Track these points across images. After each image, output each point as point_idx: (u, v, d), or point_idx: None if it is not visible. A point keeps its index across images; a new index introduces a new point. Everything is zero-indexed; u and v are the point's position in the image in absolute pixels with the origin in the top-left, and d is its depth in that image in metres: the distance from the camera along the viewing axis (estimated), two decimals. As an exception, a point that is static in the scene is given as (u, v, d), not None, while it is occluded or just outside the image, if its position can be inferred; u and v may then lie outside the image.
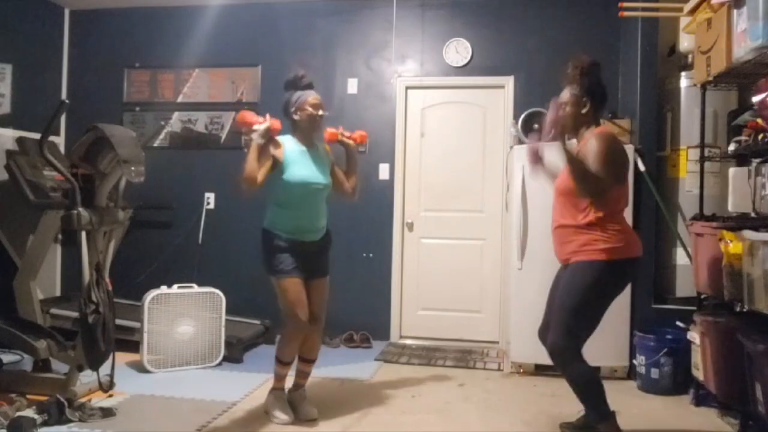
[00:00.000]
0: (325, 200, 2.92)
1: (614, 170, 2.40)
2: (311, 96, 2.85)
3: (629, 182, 3.42)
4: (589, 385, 2.47)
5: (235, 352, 3.84)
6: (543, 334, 2.66)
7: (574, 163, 2.34)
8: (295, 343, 2.87)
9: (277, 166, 2.78)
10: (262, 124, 2.74)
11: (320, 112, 2.86)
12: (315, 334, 2.94)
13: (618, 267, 2.43)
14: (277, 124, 2.80)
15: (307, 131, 2.88)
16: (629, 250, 2.46)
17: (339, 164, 3.04)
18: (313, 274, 2.86)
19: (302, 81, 2.87)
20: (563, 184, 2.53)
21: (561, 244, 2.57)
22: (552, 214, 2.64)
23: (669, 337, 3.38)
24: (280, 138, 2.84)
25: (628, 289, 3.53)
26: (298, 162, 2.81)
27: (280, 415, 2.85)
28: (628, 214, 3.34)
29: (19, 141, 4.07)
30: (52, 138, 4.47)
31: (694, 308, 3.23)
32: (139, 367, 3.59)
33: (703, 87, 3.20)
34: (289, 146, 2.83)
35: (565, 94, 2.56)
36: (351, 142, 3.00)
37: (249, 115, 2.80)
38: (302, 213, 2.82)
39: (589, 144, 2.43)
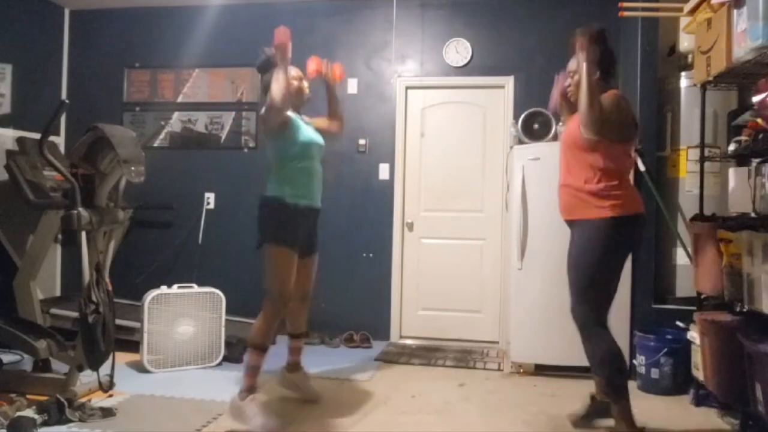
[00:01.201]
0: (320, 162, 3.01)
1: (618, 120, 2.42)
2: (292, 70, 2.90)
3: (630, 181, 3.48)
4: (609, 360, 2.46)
5: (235, 352, 3.84)
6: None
7: (591, 87, 2.36)
8: (276, 324, 2.81)
9: (287, 127, 2.81)
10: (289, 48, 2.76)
11: (305, 82, 2.95)
12: (304, 310, 3.10)
13: (623, 223, 2.45)
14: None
15: (296, 104, 2.94)
16: (633, 207, 2.49)
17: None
18: (309, 249, 2.94)
19: (275, 59, 2.86)
20: (570, 136, 2.56)
21: (567, 203, 2.60)
22: (559, 174, 2.67)
23: (669, 337, 3.38)
24: None
25: (628, 290, 3.55)
26: (301, 125, 2.89)
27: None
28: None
29: (19, 141, 4.07)
30: (52, 138, 4.48)
31: (694, 308, 3.23)
32: (139, 367, 3.58)
33: (703, 87, 3.20)
34: (291, 114, 2.88)
35: (573, 64, 2.57)
36: (331, 77, 3.09)
37: (287, 35, 2.75)
38: (309, 173, 2.88)
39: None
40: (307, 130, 2.92)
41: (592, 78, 2.40)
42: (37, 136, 3.58)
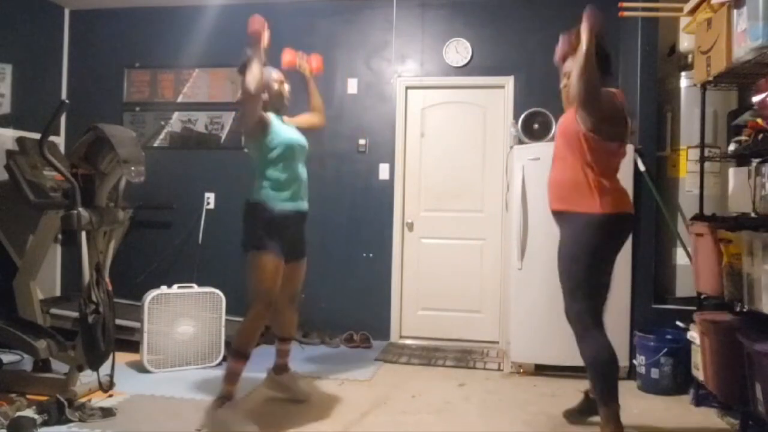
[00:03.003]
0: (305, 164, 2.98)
1: (608, 110, 2.42)
2: (274, 72, 2.90)
3: (630, 183, 3.49)
4: (602, 362, 2.44)
5: (235, 352, 3.84)
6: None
7: (588, 59, 2.33)
8: (260, 330, 2.80)
9: (266, 128, 2.79)
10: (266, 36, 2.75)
11: (286, 86, 2.93)
12: (294, 313, 3.10)
13: (612, 221, 2.45)
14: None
15: (277, 107, 2.92)
16: (622, 205, 2.50)
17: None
18: (296, 254, 2.93)
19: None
20: (564, 129, 2.57)
21: (557, 192, 2.59)
22: (551, 164, 2.67)
23: (669, 337, 3.39)
24: None
25: (628, 290, 3.55)
26: (282, 127, 2.87)
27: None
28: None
29: (19, 141, 4.07)
30: (52, 138, 4.47)
31: (694, 308, 3.23)
32: (139, 367, 3.59)
33: (703, 87, 3.20)
34: (271, 116, 2.86)
35: (569, 65, 2.56)
36: (307, 69, 3.09)
37: (262, 23, 2.75)
38: (293, 176, 2.85)
39: None
40: (287, 131, 2.88)
41: (591, 49, 2.34)
42: (37, 136, 3.58)
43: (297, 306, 3.12)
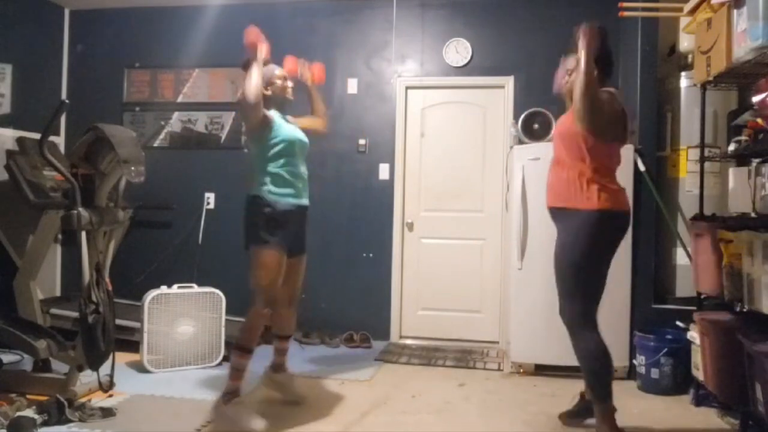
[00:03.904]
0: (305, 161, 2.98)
1: (608, 116, 2.44)
2: (276, 69, 2.91)
3: (630, 183, 3.49)
4: (596, 359, 2.47)
5: (235, 352, 3.84)
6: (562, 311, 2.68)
7: (589, 78, 2.35)
8: (262, 325, 2.81)
9: (268, 126, 2.79)
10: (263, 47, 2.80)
11: (289, 82, 2.94)
12: (292, 312, 3.07)
13: (610, 217, 2.46)
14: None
15: (280, 104, 2.92)
16: (617, 203, 2.50)
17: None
18: (297, 248, 2.90)
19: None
20: (564, 129, 2.58)
21: (556, 189, 2.60)
22: (551, 162, 2.68)
23: (669, 337, 3.38)
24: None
25: (628, 290, 3.55)
26: (282, 124, 2.87)
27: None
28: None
29: (19, 141, 4.07)
30: (52, 138, 4.47)
31: (694, 308, 3.23)
32: (139, 367, 3.59)
33: (703, 87, 3.20)
34: (273, 113, 2.86)
35: (572, 61, 2.57)
36: (309, 77, 3.08)
37: (257, 35, 2.81)
38: (293, 172, 2.85)
39: None
40: (289, 128, 2.89)
41: (591, 67, 2.37)
42: (37, 136, 3.58)
43: (297, 304, 3.10)
